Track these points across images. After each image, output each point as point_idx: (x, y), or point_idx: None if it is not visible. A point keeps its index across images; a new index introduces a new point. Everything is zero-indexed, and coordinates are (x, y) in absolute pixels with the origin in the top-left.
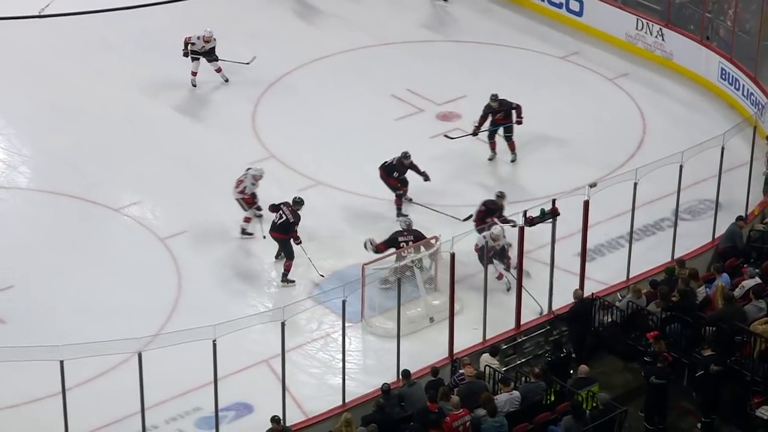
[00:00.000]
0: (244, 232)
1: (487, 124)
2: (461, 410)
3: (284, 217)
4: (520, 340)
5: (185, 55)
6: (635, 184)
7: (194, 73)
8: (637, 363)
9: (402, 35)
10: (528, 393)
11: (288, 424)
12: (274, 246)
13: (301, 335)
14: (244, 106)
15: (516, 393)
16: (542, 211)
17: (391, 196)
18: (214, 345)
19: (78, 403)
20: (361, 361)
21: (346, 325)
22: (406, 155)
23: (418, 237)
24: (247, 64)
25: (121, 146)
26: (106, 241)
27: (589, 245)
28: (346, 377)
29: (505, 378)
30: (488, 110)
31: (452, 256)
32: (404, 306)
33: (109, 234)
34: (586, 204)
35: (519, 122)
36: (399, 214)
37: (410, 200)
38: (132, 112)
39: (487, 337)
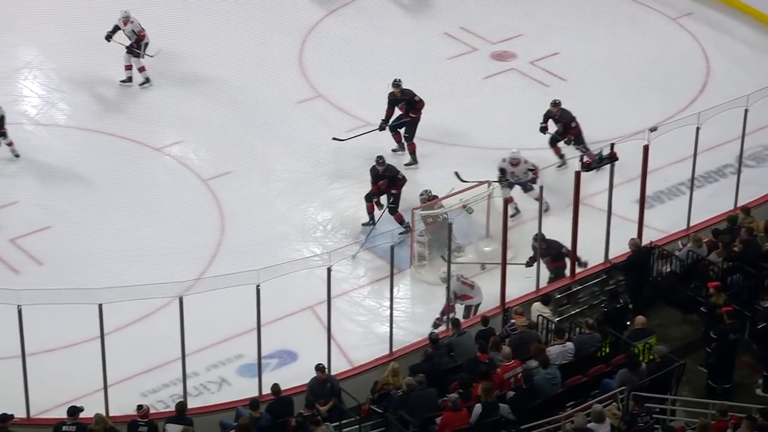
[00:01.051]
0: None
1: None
2: (513, 361)
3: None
4: (574, 289)
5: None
6: (697, 129)
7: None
8: (695, 315)
9: None
10: (582, 344)
11: (333, 372)
12: (320, 190)
13: (348, 281)
14: (291, 44)
15: (570, 344)
16: (600, 155)
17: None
18: (258, 290)
19: (116, 349)
20: (409, 309)
21: (395, 271)
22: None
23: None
24: (152, 57)
25: (162, 84)
26: (146, 182)
27: (648, 192)
28: (393, 325)
29: (559, 329)
30: (391, 98)
31: (505, 201)
32: (455, 252)
33: (150, 174)
34: (646, 149)
35: (412, 119)
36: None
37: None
38: (176, 49)
39: (540, 286)
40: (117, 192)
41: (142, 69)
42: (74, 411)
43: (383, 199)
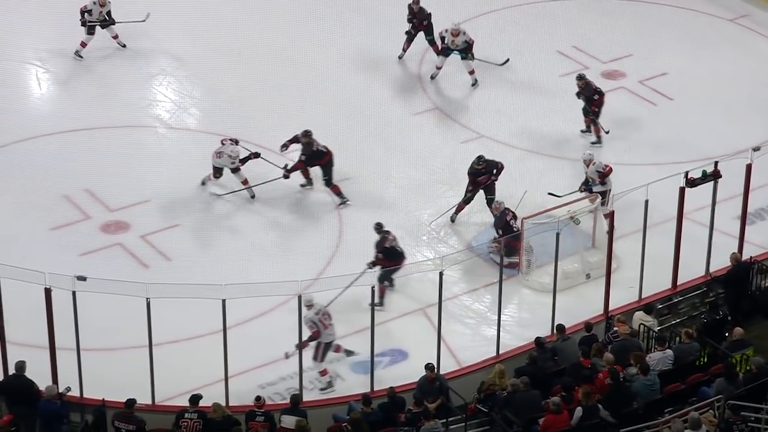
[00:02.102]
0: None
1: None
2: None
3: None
4: (675, 300)
5: (83, 25)
6: None
7: (84, 44)
8: None
9: None
10: (681, 353)
11: (441, 372)
12: (433, 196)
13: (458, 286)
14: (410, 61)
15: (669, 352)
16: (704, 172)
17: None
18: (372, 291)
19: (237, 342)
20: (516, 314)
21: (503, 277)
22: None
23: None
24: (143, 21)
25: (287, 93)
26: (269, 185)
27: (749, 208)
28: (500, 329)
29: (660, 337)
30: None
31: (612, 214)
32: (561, 261)
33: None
34: (749, 167)
35: (285, 176)
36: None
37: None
38: (299, 60)
39: (642, 296)
40: (241, 194)
41: (115, 36)
42: (195, 399)
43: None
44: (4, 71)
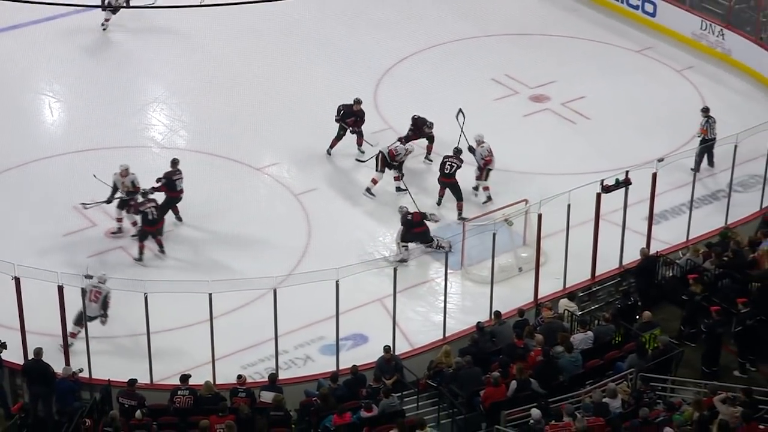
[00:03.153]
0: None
1: None
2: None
3: (454, 165)
4: (594, 289)
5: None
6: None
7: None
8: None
9: (502, 27)
10: (600, 334)
11: (397, 353)
12: (390, 203)
13: (410, 279)
14: (369, 85)
15: (590, 333)
16: (617, 180)
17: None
18: (337, 285)
19: (222, 330)
20: (460, 303)
21: (448, 272)
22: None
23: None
24: (152, 6)
25: (264, 116)
26: (248, 196)
27: (655, 210)
28: (447, 316)
29: (583, 320)
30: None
31: (539, 216)
32: (498, 257)
33: (252, 189)
34: (654, 176)
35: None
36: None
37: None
38: (275, 88)
39: (566, 286)
40: (225, 203)
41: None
42: (185, 378)
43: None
44: (23, 101)
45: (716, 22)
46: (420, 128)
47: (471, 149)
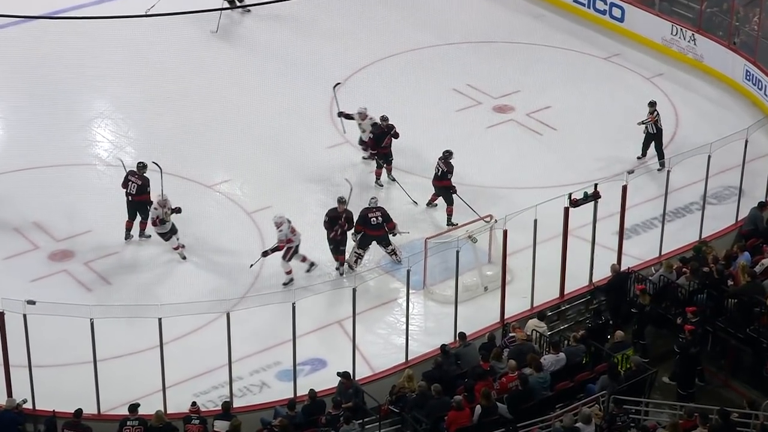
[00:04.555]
0: None
1: None
2: (516, 372)
3: (440, 169)
4: (563, 307)
5: None
6: (668, 172)
7: None
8: (665, 330)
9: (463, 36)
10: (570, 355)
11: (357, 378)
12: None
13: (370, 300)
14: (325, 97)
15: (562, 355)
16: (585, 193)
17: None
18: (294, 307)
19: (173, 356)
20: (422, 324)
21: (410, 291)
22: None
23: (385, 214)
24: None
25: (214, 130)
26: (199, 214)
27: (626, 225)
28: (409, 338)
29: (555, 342)
30: None
31: (504, 232)
32: (462, 276)
33: (203, 208)
34: (624, 188)
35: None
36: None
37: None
38: (226, 102)
39: (534, 304)
40: (175, 222)
41: None
42: (134, 408)
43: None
44: None
45: (687, 27)
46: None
47: (343, 115)
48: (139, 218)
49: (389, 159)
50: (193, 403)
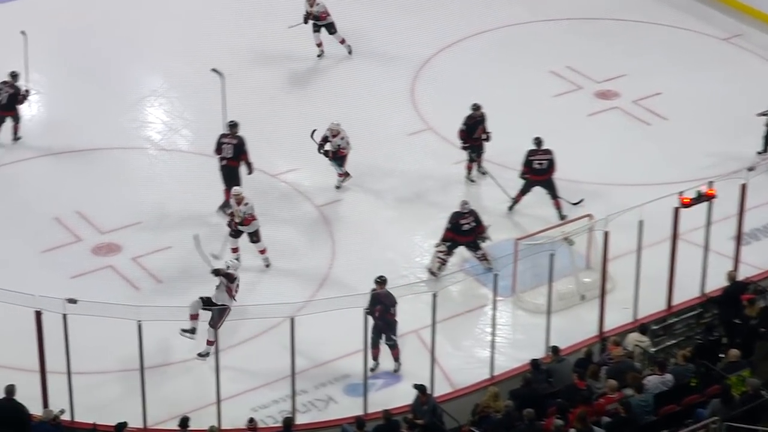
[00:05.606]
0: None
1: None
2: (616, 393)
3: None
4: (670, 321)
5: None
6: None
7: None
8: None
9: (562, 11)
10: (677, 375)
11: (435, 394)
12: (427, 218)
13: (452, 307)
14: (404, 79)
15: (669, 376)
16: (698, 193)
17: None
18: (366, 313)
19: (230, 365)
20: (510, 336)
21: (497, 299)
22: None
23: (477, 218)
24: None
25: (279, 115)
26: (263, 207)
27: (744, 229)
28: (495, 351)
29: (660, 362)
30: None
31: (605, 234)
32: (556, 282)
33: (266, 200)
34: (743, 187)
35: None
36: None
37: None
38: (294, 82)
39: (637, 317)
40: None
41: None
42: (185, 422)
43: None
44: None
45: None
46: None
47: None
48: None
49: (481, 151)
50: (251, 419)
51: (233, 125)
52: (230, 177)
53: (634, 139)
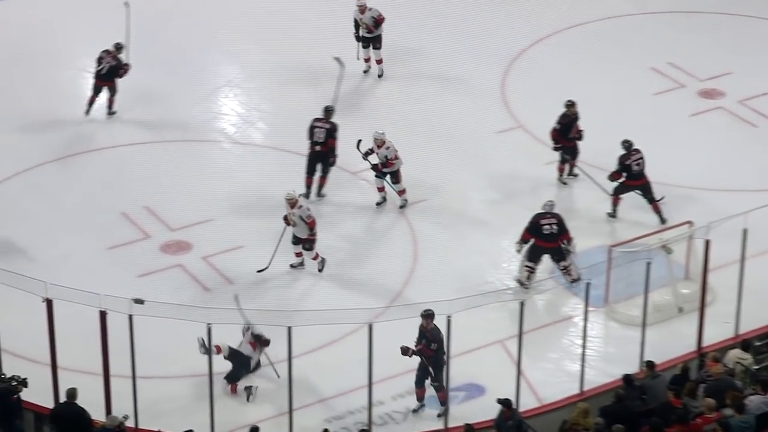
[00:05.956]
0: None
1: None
2: (714, 413)
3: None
4: None
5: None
6: None
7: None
8: None
9: (665, 4)
10: None
11: (520, 409)
12: (517, 221)
13: (540, 317)
14: (494, 74)
15: None
16: None
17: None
18: (449, 321)
19: (303, 373)
20: (601, 349)
21: (589, 309)
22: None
23: (561, 223)
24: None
25: (360, 107)
26: (341, 205)
27: None
28: (585, 364)
29: (764, 381)
30: None
31: (706, 243)
32: (652, 293)
33: (345, 198)
34: None
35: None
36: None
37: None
38: (371, 77)
39: (739, 332)
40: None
41: (379, 61)
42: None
43: None
44: (61, 80)
45: None
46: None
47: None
48: (318, 174)
49: (576, 152)
50: (325, 430)
51: (329, 110)
52: (316, 164)
53: (739, 142)
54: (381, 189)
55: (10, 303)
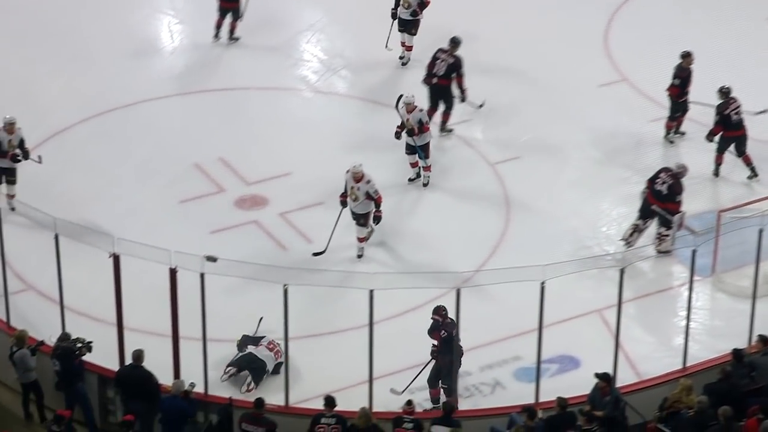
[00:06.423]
0: None
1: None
2: None
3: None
4: None
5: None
6: None
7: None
8: None
9: None
10: None
11: (618, 384)
12: (618, 182)
13: (641, 286)
14: (597, 22)
15: None
16: None
17: None
18: (542, 288)
19: (384, 341)
20: (707, 322)
21: (695, 279)
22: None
23: (673, 187)
24: None
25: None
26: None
27: None
28: (689, 338)
29: None
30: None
31: None
32: (764, 262)
33: (433, 154)
34: None
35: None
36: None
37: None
38: (467, 22)
39: None
40: (395, 171)
41: (409, 48)
42: (331, 401)
43: None
44: (133, 22)
45: None
46: None
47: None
48: (441, 108)
49: (686, 108)
50: (409, 402)
51: (455, 42)
52: (438, 97)
53: None
54: (414, 164)
55: (74, 258)
